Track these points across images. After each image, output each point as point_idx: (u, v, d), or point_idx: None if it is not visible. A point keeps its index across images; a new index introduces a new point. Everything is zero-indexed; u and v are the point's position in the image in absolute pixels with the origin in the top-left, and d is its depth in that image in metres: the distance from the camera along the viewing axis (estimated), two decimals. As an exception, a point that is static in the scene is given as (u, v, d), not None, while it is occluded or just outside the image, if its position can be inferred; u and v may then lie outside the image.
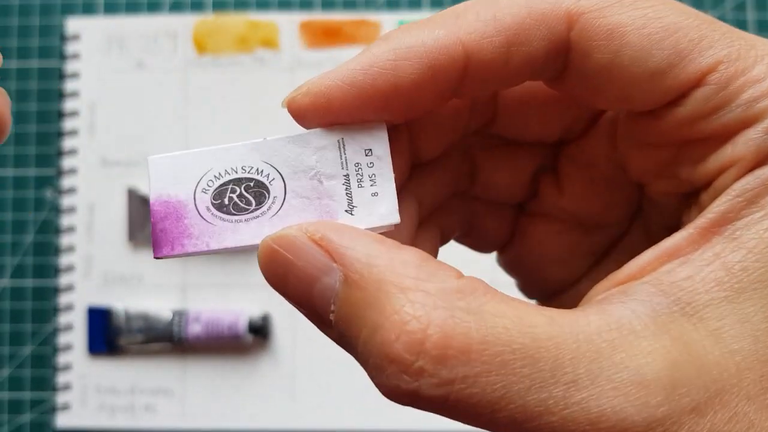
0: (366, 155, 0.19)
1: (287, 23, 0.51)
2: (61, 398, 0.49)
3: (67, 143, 0.51)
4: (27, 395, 0.50)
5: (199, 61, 0.51)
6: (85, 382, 0.49)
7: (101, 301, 0.50)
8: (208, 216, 0.18)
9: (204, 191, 0.19)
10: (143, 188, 0.50)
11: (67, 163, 0.50)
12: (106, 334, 0.49)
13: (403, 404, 0.17)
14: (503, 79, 0.19)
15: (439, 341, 0.15)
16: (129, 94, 0.51)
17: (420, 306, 0.16)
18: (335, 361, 0.49)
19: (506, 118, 0.22)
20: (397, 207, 0.19)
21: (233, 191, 0.19)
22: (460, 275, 0.17)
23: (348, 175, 0.19)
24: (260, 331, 0.48)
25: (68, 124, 0.51)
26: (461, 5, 0.19)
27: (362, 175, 0.19)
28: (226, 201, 0.18)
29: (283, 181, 0.19)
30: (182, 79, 0.51)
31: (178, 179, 0.19)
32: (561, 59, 0.18)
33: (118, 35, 0.51)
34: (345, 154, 0.19)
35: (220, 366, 0.49)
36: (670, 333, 0.16)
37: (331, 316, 0.17)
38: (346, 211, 0.19)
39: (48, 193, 0.52)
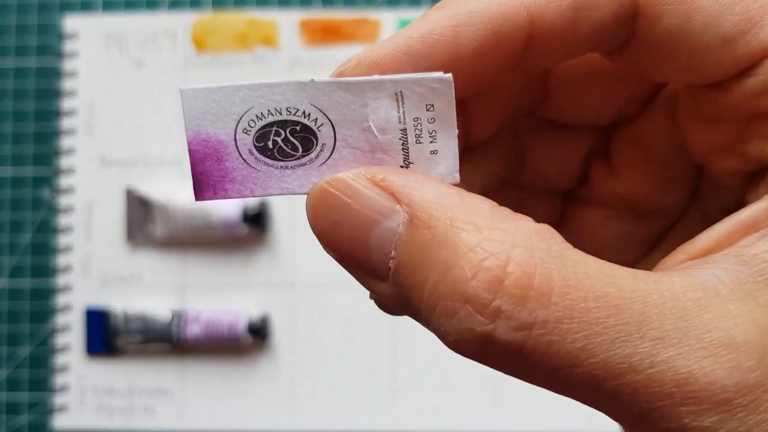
0: (427, 110, 0.17)
1: (287, 21, 0.50)
2: (58, 399, 0.49)
3: (65, 142, 0.50)
4: (24, 396, 0.50)
5: (198, 59, 0.51)
6: (83, 383, 0.49)
7: (99, 301, 0.49)
8: (251, 160, 0.17)
9: (245, 132, 0.17)
10: (142, 188, 0.49)
11: (64, 162, 0.50)
12: (104, 335, 0.49)
13: (471, 355, 0.15)
14: (569, 48, 0.17)
15: (519, 280, 0.14)
16: (127, 92, 0.51)
17: (498, 243, 0.14)
18: (335, 361, 0.49)
19: (558, 99, 0.21)
20: (458, 167, 0.17)
21: (278, 134, 0.17)
22: (534, 221, 0.16)
23: (405, 129, 0.17)
24: (259, 332, 0.48)
25: (66, 123, 0.50)
26: None
27: (421, 131, 0.17)
28: (270, 144, 0.17)
29: (333, 128, 0.17)
30: (181, 77, 0.50)
31: (216, 116, 0.17)
32: (629, 25, 0.17)
33: (117, 33, 0.51)
34: (403, 107, 0.17)
35: (219, 367, 0.49)
36: (757, 300, 0.15)
37: (391, 263, 0.15)
38: (401, 167, 0.17)
39: (45, 193, 0.51)
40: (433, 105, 0.17)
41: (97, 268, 0.49)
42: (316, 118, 0.17)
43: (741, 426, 0.14)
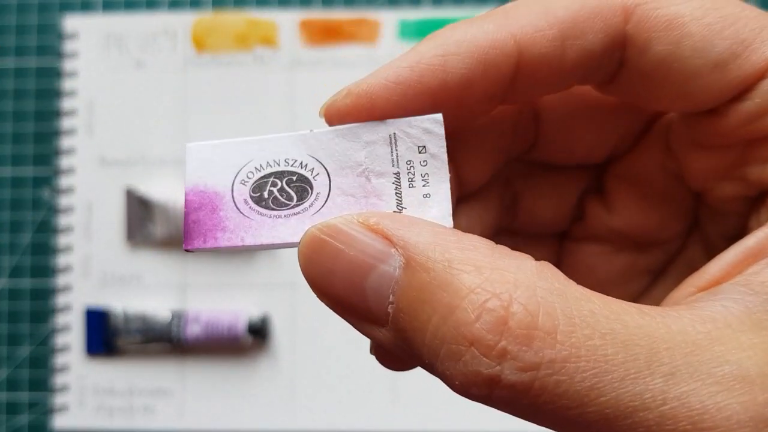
0: (419, 152, 0.17)
1: (287, 21, 0.50)
2: (58, 399, 0.49)
3: (65, 142, 0.50)
4: (24, 396, 0.50)
5: (199, 59, 0.50)
6: (83, 383, 0.49)
7: (99, 301, 0.49)
8: (245, 209, 0.17)
9: (243, 183, 0.18)
10: (141, 188, 0.49)
11: (64, 162, 0.50)
12: (104, 335, 0.49)
13: (478, 398, 0.15)
14: (557, 77, 0.17)
15: (523, 320, 0.14)
16: (127, 92, 0.50)
17: (500, 284, 0.14)
18: (334, 362, 0.49)
19: (550, 140, 0.20)
20: (451, 211, 0.17)
21: (274, 185, 0.17)
22: (534, 259, 0.16)
23: (398, 173, 0.17)
24: (259, 332, 0.48)
25: (66, 123, 0.50)
26: (511, 3, 0.18)
27: (414, 174, 0.17)
28: (266, 194, 0.17)
29: (329, 176, 0.17)
30: (181, 77, 0.50)
31: (216, 169, 0.18)
32: (617, 54, 0.17)
33: (117, 33, 0.51)
34: (396, 150, 0.17)
35: (219, 367, 0.49)
36: (721, 321, 0.15)
37: (389, 308, 0.15)
38: (394, 212, 0.17)
39: (45, 193, 0.51)
40: (425, 146, 0.17)
41: (97, 268, 0.49)
42: (313, 168, 0.17)
43: None
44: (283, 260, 0.49)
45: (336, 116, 0.17)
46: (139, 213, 0.49)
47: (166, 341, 0.48)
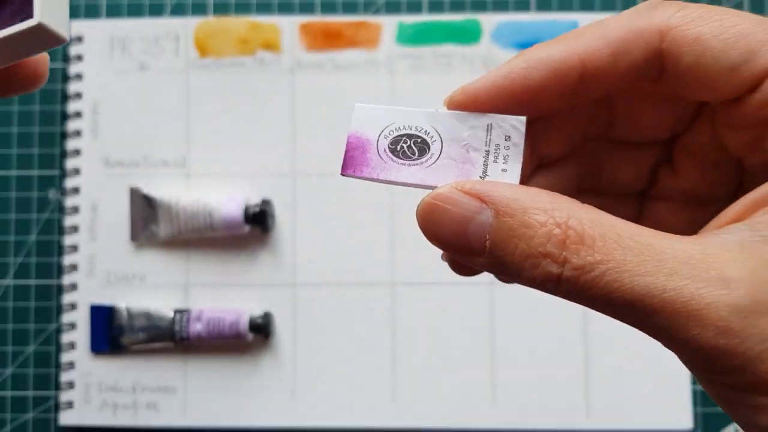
0: (505, 140, 0.24)
1: (288, 25, 0.51)
2: (64, 396, 0.49)
3: (71, 144, 0.51)
4: (30, 393, 0.51)
5: (201, 62, 0.51)
6: (87, 381, 0.49)
7: (104, 300, 0.50)
8: (384, 155, 0.25)
9: (385, 137, 0.25)
10: (145, 189, 0.50)
11: (70, 163, 0.51)
12: (109, 333, 0.49)
13: (549, 290, 0.22)
14: (612, 81, 0.24)
15: (574, 239, 0.21)
16: (131, 95, 0.51)
17: (559, 218, 0.22)
18: (336, 360, 0.49)
19: (623, 122, 0.28)
20: (518, 182, 0.24)
21: (405, 142, 0.25)
22: (610, 216, 0.22)
23: (488, 151, 0.24)
24: (261, 329, 0.48)
25: (71, 125, 0.51)
26: (580, 28, 0.25)
27: (498, 154, 0.24)
28: (398, 148, 0.25)
29: (442, 143, 0.24)
30: (184, 80, 0.51)
31: (370, 124, 0.25)
32: (657, 63, 0.24)
33: (121, 38, 0.52)
34: (490, 135, 0.24)
35: (222, 364, 0.49)
36: (751, 251, 0.21)
37: (487, 244, 0.22)
38: (480, 176, 0.24)
39: (51, 194, 0.52)
40: (510, 136, 0.24)
41: (101, 267, 0.50)
42: (432, 136, 0.25)
43: (735, 338, 0.20)
44: (284, 259, 0.50)
45: (453, 105, 0.25)
46: (143, 213, 0.50)
47: (169, 339, 0.49)
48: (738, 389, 0.21)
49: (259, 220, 0.49)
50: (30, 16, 0.26)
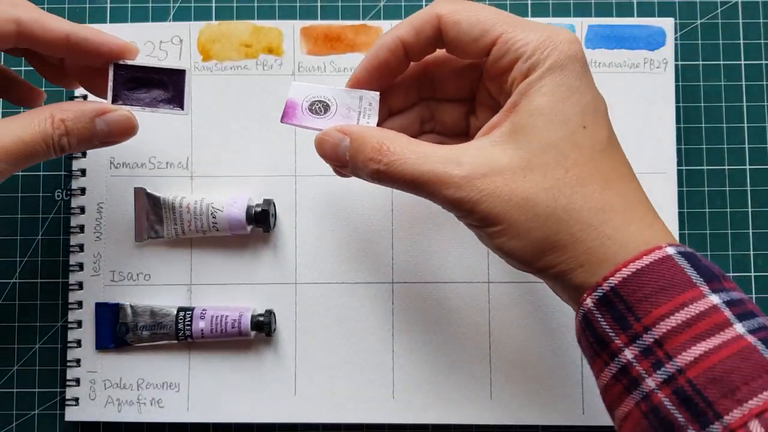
0: (368, 105, 0.40)
1: (290, 29, 0.52)
2: (69, 393, 0.50)
3: (76, 146, 0.52)
4: (36, 390, 0.52)
5: (204, 66, 0.52)
6: (93, 377, 0.50)
7: (109, 298, 0.51)
8: (305, 112, 0.41)
9: (306, 101, 0.41)
10: (150, 189, 0.51)
11: (76, 164, 0.52)
12: (114, 331, 0.50)
13: (375, 179, 0.37)
14: (421, 49, 0.39)
15: (385, 150, 0.37)
16: (136, 98, 0.52)
17: (379, 139, 0.37)
18: (337, 356, 0.50)
19: (440, 87, 0.43)
20: (375, 127, 0.40)
21: (317, 105, 0.41)
22: (407, 137, 0.38)
23: (360, 112, 0.40)
24: (264, 327, 0.49)
25: (77, 127, 0.52)
26: (400, 23, 0.40)
27: (365, 114, 0.40)
28: (313, 108, 0.41)
29: (337, 107, 0.40)
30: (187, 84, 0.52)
31: (299, 94, 0.41)
32: (439, 37, 0.38)
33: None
34: (361, 102, 0.40)
35: (225, 361, 0.50)
36: (480, 149, 0.36)
37: (347, 157, 0.38)
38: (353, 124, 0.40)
39: (57, 194, 0.53)
40: (371, 104, 0.40)
41: (107, 266, 0.51)
42: (332, 102, 0.41)
43: (463, 191, 0.35)
44: (286, 259, 0.51)
45: (347, 84, 0.41)
46: (148, 213, 0.51)
47: (173, 336, 0.49)
48: (477, 226, 0.36)
49: (261, 220, 0.49)
50: (181, 108, 0.43)
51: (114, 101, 0.42)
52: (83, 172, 0.52)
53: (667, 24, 0.52)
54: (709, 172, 0.53)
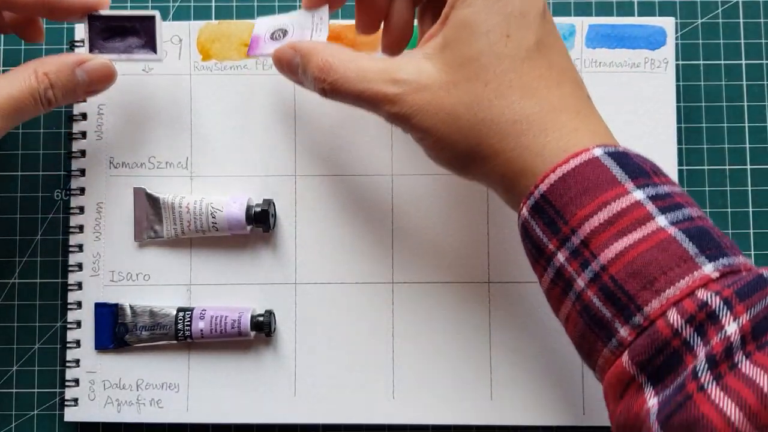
0: (320, 20, 0.43)
1: (290, 29, 0.52)
2: (69, 393, 0.50)
3: (76, 145, 0.52)
4: (35, 390, 0.52)
5: (204, 65, 0.52)
6: (92, 378, 0.50)
7: (108, 298, 0.51)
8: (267, 41, 0.45)
9: (268, 32, 0.45)
10: (149, 189, 0.51)
11: (75, 164, 0.52)
12: (113, 331, 0.50)
13: (324, 94, 0.40)
14: None
15: (326, 67, 0.39)
16: (135, 98, 0.52)
17: (327, 54, 0.39)
18: (336, 356, 0.50)
19: None
20: (326, 41, 0.43)
21: (277, 32, 0.44)
22: (350, 51, 0.40)
23: (312, 29, 0.43)
24: (263, 327, 0.49)
25: (77, 126, 0.52)
26: None
27: (317, 28, 0.43)
28: (274, 36, 0.44)
29: (294, 29, 0.44)
30: (187, 83, 0.52)
31: (262, 28, 0.46)
32: None
33: (125, 41, 0.52)
34: (314, 19, 0.43)
35: (225, 361, 0.50)
36: (415, 63, 0.37)
37: (299, 69, 0.41)
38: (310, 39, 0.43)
39: (56, 194, 0.53)
40: (321, 18, 0.43)
41: (106, 266, 0.51)
42: (291, 26, 0.44)
43: (396, 107, 0.37)
44: (285, 259, 0.51)
45: (303, 7, 0.44)
46: (147, 213, 0.51)
47: (172, 337, 0.49)
48: (416, 139, 0.38)
49: (261, 220, 0.49)
50: (154, 51, 0.46)
51: (91, 51, 0.45)
52: (82, 171, 0.52)
53: (668, 23, 0.52)
54: (709, 172, 0.53)
